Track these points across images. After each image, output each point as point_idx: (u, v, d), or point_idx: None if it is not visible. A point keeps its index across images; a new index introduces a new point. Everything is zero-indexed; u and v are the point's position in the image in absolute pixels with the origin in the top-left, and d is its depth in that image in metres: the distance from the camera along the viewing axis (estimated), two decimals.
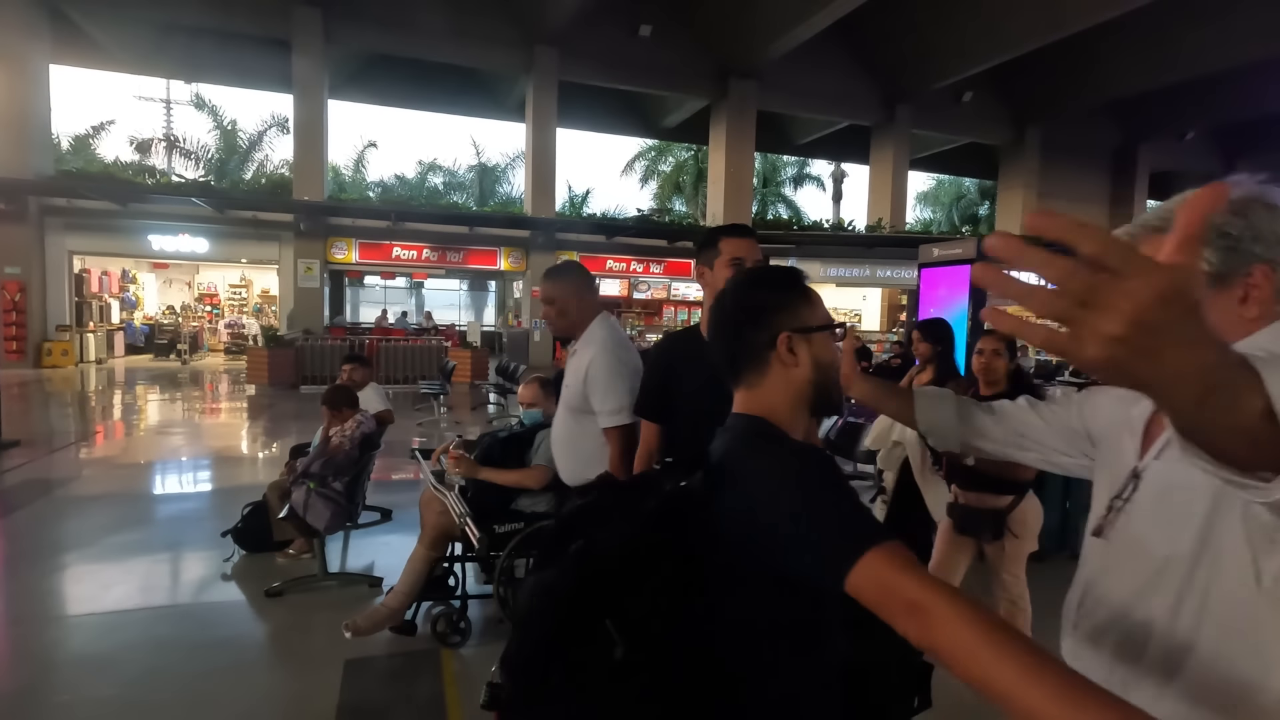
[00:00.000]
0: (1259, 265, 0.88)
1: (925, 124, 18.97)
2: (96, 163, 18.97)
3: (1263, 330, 0.88)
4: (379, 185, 25.27)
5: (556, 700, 0.86)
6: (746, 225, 2.02)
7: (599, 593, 0.87)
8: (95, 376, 13.49)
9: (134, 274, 19.03)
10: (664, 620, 0.86)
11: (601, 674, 0.84)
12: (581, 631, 0.86)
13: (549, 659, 0.86)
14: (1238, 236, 0.87)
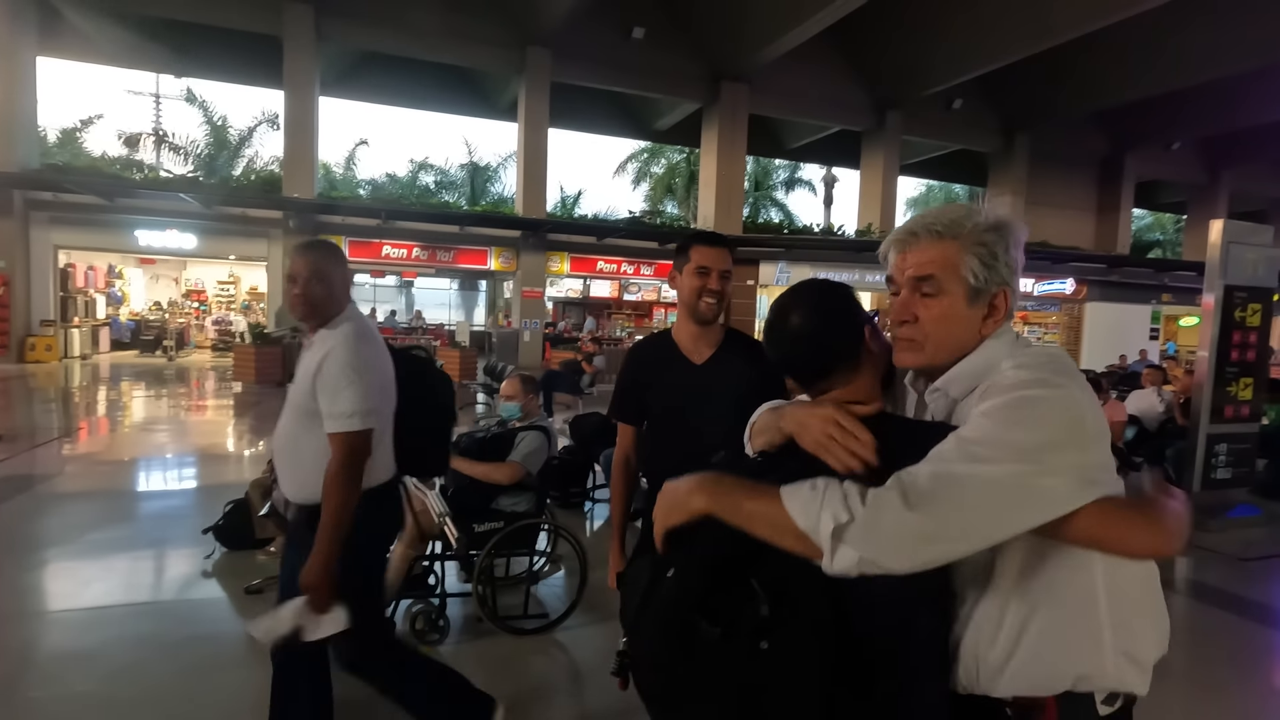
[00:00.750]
0: (1003, 288, 1.01)
1: (915, 130, 19.12)
2: (84, 157, 18.81)
3: (983, 346, 1.01)
4: (370, 183, 25.20)
5: (703, 655, 0.92)
6: (720, 235, 2.05)
7: (742, 550, 0.94)
8: (80, 372, 13.38)
9: (120, 269, 18.88)
10: (801, 581, 0.92)
11: (749, 628, 0.91)
12: (723, 586, 0.93)
13: (696, 609, 0.93)
14: (998, 258, 1.00)
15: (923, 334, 1.03)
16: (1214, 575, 4.78)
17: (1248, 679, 3.34)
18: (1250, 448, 5.72)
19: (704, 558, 0.96)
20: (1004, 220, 1.01)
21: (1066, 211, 21.41)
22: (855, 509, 0.85)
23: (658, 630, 0.96)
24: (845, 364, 1.08)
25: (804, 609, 0.92)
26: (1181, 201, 25.02)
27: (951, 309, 1.01)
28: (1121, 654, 1.00)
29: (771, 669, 0.90)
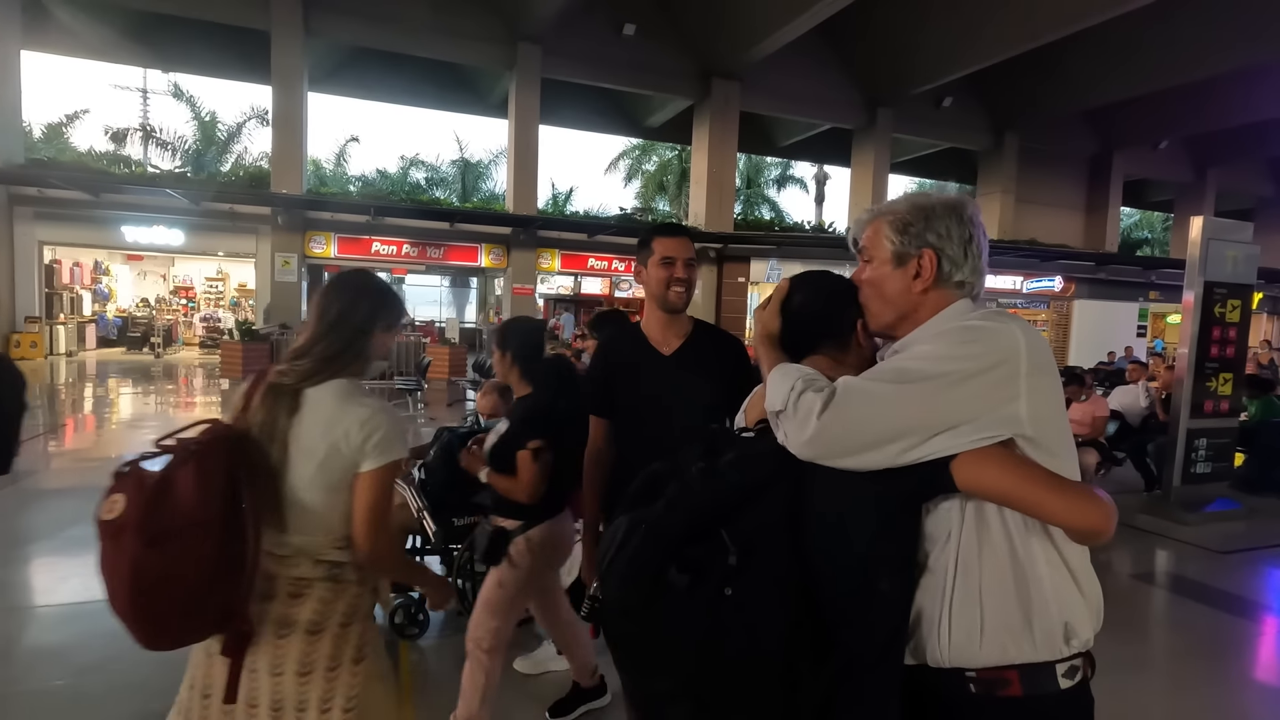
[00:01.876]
0: (927, 250, 1.13)
1: (906, 128, 19.16)
2: (70, 152, 18.62)
3: (940, 314, 1.12)
4: (360, 179, 25.05)
5: (670, 601, 1.00)
6: (680, 224, 2.08)
7: (720, 506, 1.05)
8: (65, 369, 13.27)
9: (107, 265, 18.73)
10: (768, 537, 1.03)
11: (717, 575, 0.99)
12: (697, 537, 1.02)
13: (668, 559, 1.01)
14: (911, 223, 1.14)
15: (865, 296, 1.21)
16: (1194, 569, 4.83)
17: (1227, 672, 3.38)
18: (1230, 442, 5.78)
19: (680, 510, 1.05)
20: (927, 200, 1.16)
21: (1055, 209, 21.52)
22: (790, 400, 1.04)
23: (629, 576, 1.03)
24: (832, 342, 1.24)
25: (769, 561, 1.01)
26: (1169, 200, 25.21)
27: (879, 273, 1.18)
28: (1064, 624, 1.04)
29: (733, 616, 0.98)
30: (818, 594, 1.03)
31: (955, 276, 1.12)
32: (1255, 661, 3.61)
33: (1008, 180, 20.24)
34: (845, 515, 1.04)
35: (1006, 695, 1.02)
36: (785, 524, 1.05)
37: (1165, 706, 3.07)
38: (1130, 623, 3.90)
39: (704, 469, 1.08)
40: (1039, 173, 20.91)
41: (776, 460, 1.07)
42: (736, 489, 1.06)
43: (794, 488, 1.06)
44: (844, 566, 1.02)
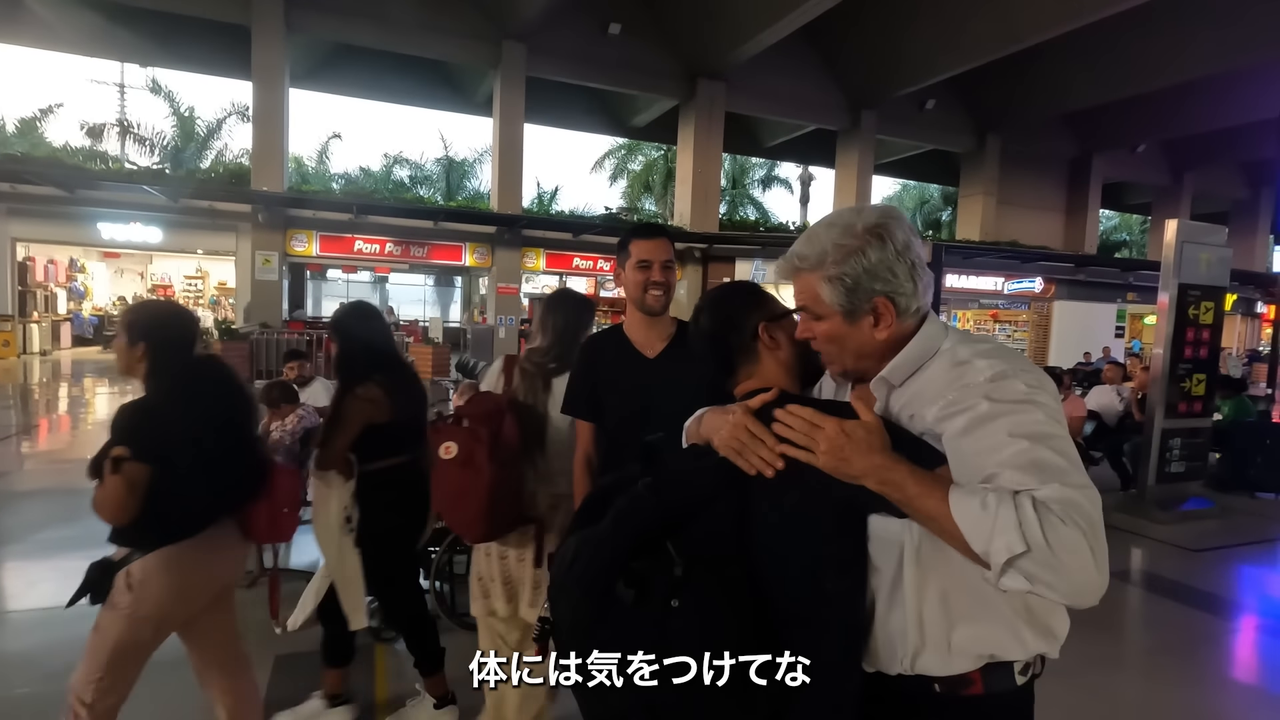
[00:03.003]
0: (879, 298, 1.07)
1: (889, 130, 19.30)
2: (44, 147, 18.26)
3: (916, 337, 1.08)
4: (344, 177, 24.82)
5: (618, 617, 1.00)
6: (658, 225, 2.07)
7: (670, 518, 1.04)
8: (39, 369, 13.02)
9: (83, 263, 18.40)
10: (715, 547, 1.03)
11: (663, 587, 0.98)
12: (644, 550, 1.01)
13: (616, 573, 1.00)
14: (854, 280, 1.06)
15: (824, 350, 1.15)
16: (1168, 567, 4.91)
17: (1200, 669, 3.43)
18: (1204, 442, 5.87)
19: (626, 525, 1.03)
20: (856, 243, 1.06)
21: (1036, 212, 21.78)
22: (1033, 538, 0.86)
23: (578, 594, 1.03)
24: (744, 358, 1.23)
25: (717, 570, 1.01)
26: (1147, 203, 25.59)
27: (834, 329, 1.11)
28: (1037, 624, 1.06)
29: (681, 627, 0.98)
30: (769, 599, 1.04)
31: (912, 308, 1.08)
32: (1228, 658, 3.67)
33: (989, 182, 20.46)
34: (793, 520, 1.04)
35: (969, 694, 1.05)
36: (734, 532, 1.05)
37: (1139, 704, 3.10)
38: (1105, 621, 3.94)
39: (651, 483, 1.07)
40: (1020, 175, 21.15)
41: (723, 471, 1.06)
42: (683, 501, 1.06)
43: (742, 496, 1.06)
44: (793, 572, 1.04)
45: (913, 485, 0.95)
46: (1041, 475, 0.91)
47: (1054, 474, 0.91)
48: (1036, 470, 0.91)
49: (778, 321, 1.23)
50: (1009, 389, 0.98)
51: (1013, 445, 0.93)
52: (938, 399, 1.02)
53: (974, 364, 1.02)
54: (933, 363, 1.07)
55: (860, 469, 0.97)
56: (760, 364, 1.23)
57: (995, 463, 0.93)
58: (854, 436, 0.97)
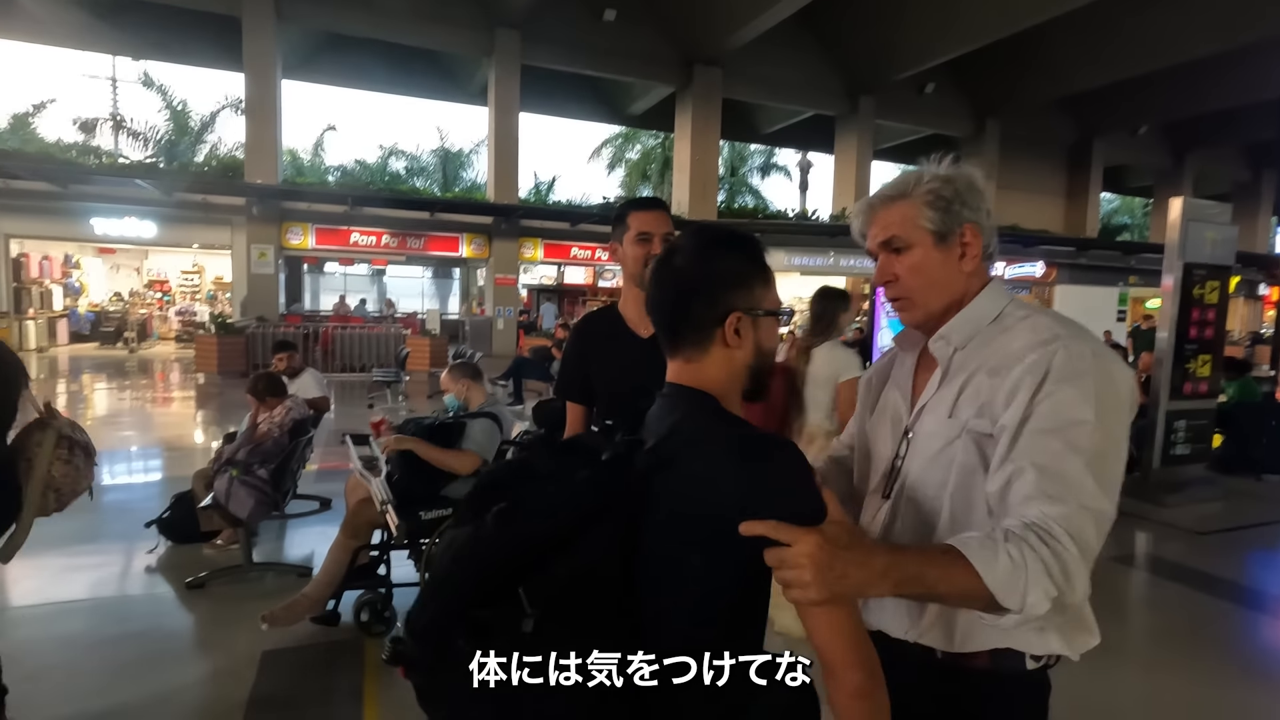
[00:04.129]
0: (968, 224, 1.06)
1: (888, 115, 19.13)
2: (36, 142, 18.11)
3: (979, 296, 1.07)
4: (339, 170, 24.66)
5: (460, 667, 0.82)
6: (657, 198, 1.96)
7: (516, 559, 0.83)
8: (35, 365, 12.95)
9: (78, 259, 18.29)
10: (583, 592, 0.83)
11: (507, 643, 0.80)
12: (491, 598, 0.82)
13: (454, 623, 0.82)
14: (950, 199, 1.05)
15: (907, 289, 1.08)
16: (1172, 550, 4.84)
17: (1203, 652, 3.37)
18: (1208, 424, 5.79)
19: (467, 566, 0.85)
20: (950, 172, 1.08)
21: (1037, 195, 21.61)
22: (1059, 582, 0.84)
23: (418, 637, 0.86)
24: (693, 339, 0.95)
25: (582, 617, 0.83)
26: (1149, 185, 25.40)
27: (924, 258, 1.07)
28: (1062, 628, 1.02)
29: (528, 689, 0.81)
30: (663, 629, 0.86)
31: (990, 248, 1.09)
32: (1231, 642, 3.61)
33: (990, 166, 20.26)
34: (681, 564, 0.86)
35: (974, 666, 1.02)
36: (612, 567, 0.84)
37: (1141, 689, 3.05)
38: (1107, 605, 3.89)
39: (501, 511, 0.85)
40: (1020, 159, 20.97)
41: (599, 493, 0.85)
42: (542, 535, 0.83)
43: (626, 522, 0.86)
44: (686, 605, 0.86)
45: (931, 570, 0.84)
46: (1061, 488, 0.89)
47: (1073, 491, 0.89)
48: (1058, 482, 0.89)
49: (756, 317, 0.95)
50: (1070, 363, 0.94)
51: (1048, 442, 0.91)
52: (1003, 364, 0.99)
53: (1050, 329, 0.99)
54: (996, 325, 1.05)
55: (862, 581, 0.80)
56: (707, 357, 0.94)
57: (1026, 453, 0.91)
58: (840, 542, 0.79)
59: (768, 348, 0.98)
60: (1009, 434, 0.94)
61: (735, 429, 0.90)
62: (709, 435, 0.88)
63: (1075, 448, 0.90)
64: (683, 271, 0.95)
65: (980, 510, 0.99)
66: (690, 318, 0.94)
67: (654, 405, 0.99)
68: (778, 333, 1.02)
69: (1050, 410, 0.92)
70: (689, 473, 0.85)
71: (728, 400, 0.95)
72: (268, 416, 3.83)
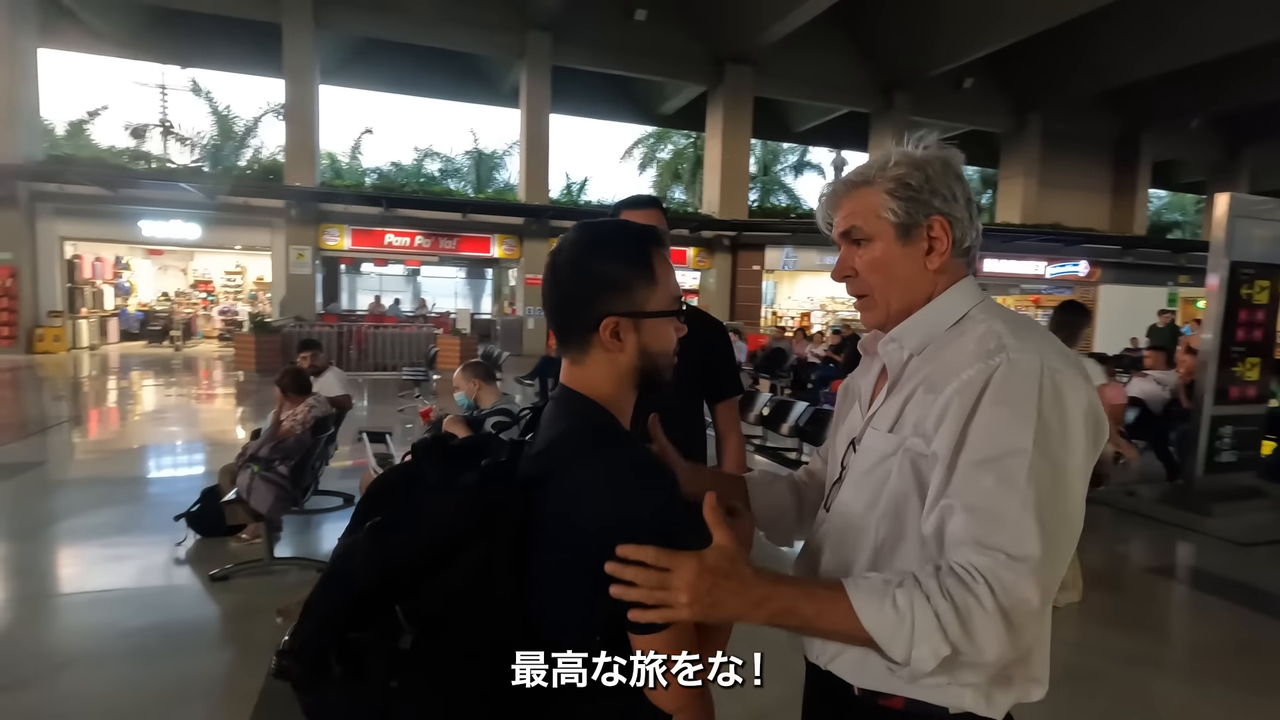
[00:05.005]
0: (937, 217, 0.94)
1: (924, 111, 18.71)
2: (90, 148, 18.88)
3: (941, 297, 0.96)
4: (375, 171, 25.15)
5: (337, 685, 0.80)
6: (650, 196, 1.92)
7: (391, 576, 0.80)
8: (87, 362, 13.49)
9: (128, 260, 19.00)
10: (463, 608, 0.79)
11: (382, 663, 0.78)
12: (365, 617, 0.79)
13: (328, 643, 0.79)
14: (917, 188, 0.94)
15: (866, 286, 0.99)
16: (1216, 562, 4.63)
17: (1249, 672, 3.20)
18: (1257, 430, 5.53)
19: (336, 585, 0.82)
20: (923, 155, 0.96)
21: (1081, 193, 20.94)
22: (955, 638, 0.77)
23: (295, 655, 0.82)
24: (573, 341, 0.91)
25: (459, 638, 0.79)
26: (1201, 181, 24.41)
27: (884, 252, 0.96)
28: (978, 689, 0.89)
29: (405, 712, 0.79)
30: (550, 642, 0.83)
31: (965, 243, 0.96)
32: None
33: (1030, 163, 19.74)
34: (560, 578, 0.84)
35: (888, 705, 0.92)
36: (489, 586, 0.80)
37: (1181, 708, 2.91)
38: (1147, 619, 3.73)
39: (374, 527, 0.82)
40: (1063, 155, 20.35)
41: (473, 508, 0.81)
42: (412, 553, 0.80)
43: (512, 533, 0.82)
44: (567, 618, 0.83)
45: (808, 605, 0.80)
46: (992, 532, 0.79)
47: (1008, 536, 0.78)
48: (990, 525, 0.79)
49: (637, 319, 0.89)
50: (1011, 380, 0.83)
51: (980, 477, 0.81)
52: (942, 378, 0.88)
53: (999, 338, 0.87)
54: (955, 330, 0.93)
55: (737, 609, 0.78)
56: (588, 359, 0.90)
57: (958, 490, 0.82)
58: (719, 570, 0.77)
59: (656, 349, 0.91)
60: (943, 465, 0.84)
61: (613, 448, 0.86)
62: (586, 451, 0.85)
63: (1011, 483, 0.79)
64: (559, 272, 0.91)
65: (912, 542, 0.90)
66: (568, 321, 0.91)
67: (548, 405, 0.95)
68: (669, 333, 0.93)
69: (983, 438, 0.82)
70: (565, 489, 0.82)
71: (617, 404, 0.91)
72: (290, 414, 3.91)
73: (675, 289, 0.94)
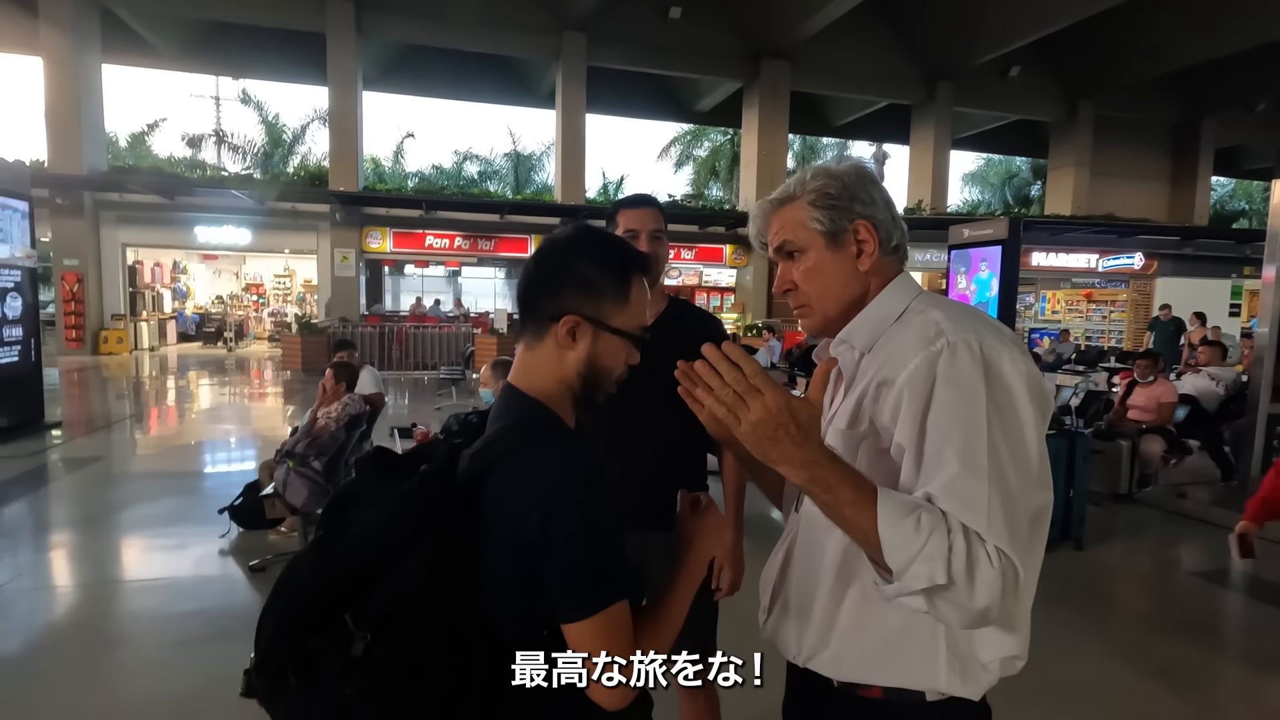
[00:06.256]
0: (860, 221, 1.00)
1: (969, 101, 18.23)
2: (150, 158, 19.78)
3: (881, 294, 1.00)
4: (417, 175, 25.68)
5: (297, 695, 0.84)
6: (647, 195, 1.91)
7: (336, 585, 0.83)
8: (147, 363, 14.16)
9: (185, 265, 19.85)
10: (411, 611, 0.82)
11: (337, 669, 0.81)
12: (316, 626, 0.83)
13: (282, 654, 0.84)
14: (836, 195, 1.00)
15: (806, 296, 1.03)
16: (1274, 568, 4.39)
17: None
18: None
19: (286, 599, 0.85)
20: (838, 168, 1.04)
21: (1136, 182, 20.08)
22: (957, 573, 0.77)
23: (256, 670, 0.86)
24: (531, 330, 0.96)
25: (406, 642, 0.81)
26: (1268, 167, 23.13)
27: (818, 261, 1.02)
28: (955, 662, 0.92)
29: (362, 716, 0.81)
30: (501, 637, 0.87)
31: (893, 241, 1.02)
32: None
33: (1082, 152, 19.01)
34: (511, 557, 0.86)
35: (866, 696, 0.96)
36: (438, 587, 0.82)
37: None
38: (1200, 628, 3.57)
39: (316, 540, 0.86)
40: (1117, 143, 19.54)
41: (411, 513, 0.83)
42: (354, 563, 0.83)
43: (457, 533, 0.84)
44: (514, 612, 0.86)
45: (847, 492, 0.80)
46: (962, 516, 0.80)
47: (976, 521, 0.79)
48: (961, 508, 0.80)
49: (597, 328, 0.93)
50: (954, 366, 0.85)
51: (945, 462, 0.82)
52: (892, 371, 0.91)
53: (937, 325, 0.90)
54: (899, 324, 0.97)
55: (785, 456, 0.80)
56: (541, 347, 0.95)
57: (928, 476, 0.83)
58: (798, 416, 0.79)
59: (604, 365, 0.95)
60: (909, 455, 0.86)
61: (547, 438, 0.89)
62: (523, 442, 0.87)
63: (973, 464, 0.81)
64: (544, 257, 0.96)
65: None
66: (532, 305, 0.95)
67: (493, 404, 0.99)
68: (622, 356, 0.96)
69: (938, 422, 0.84)
70: (501, 480, 0.85)
71: (558, 405, 0.95)
72: (326, 411, 4.04)
73: (643, 319, 0.98)
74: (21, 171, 7.77)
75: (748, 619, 1.75)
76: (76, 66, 13.83)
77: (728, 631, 1.75)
